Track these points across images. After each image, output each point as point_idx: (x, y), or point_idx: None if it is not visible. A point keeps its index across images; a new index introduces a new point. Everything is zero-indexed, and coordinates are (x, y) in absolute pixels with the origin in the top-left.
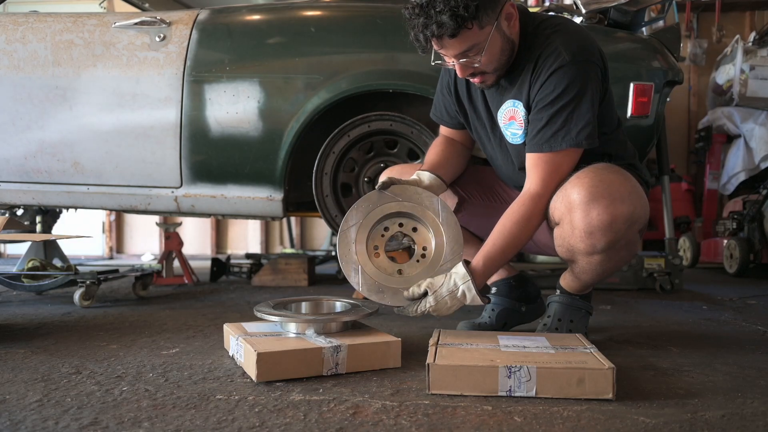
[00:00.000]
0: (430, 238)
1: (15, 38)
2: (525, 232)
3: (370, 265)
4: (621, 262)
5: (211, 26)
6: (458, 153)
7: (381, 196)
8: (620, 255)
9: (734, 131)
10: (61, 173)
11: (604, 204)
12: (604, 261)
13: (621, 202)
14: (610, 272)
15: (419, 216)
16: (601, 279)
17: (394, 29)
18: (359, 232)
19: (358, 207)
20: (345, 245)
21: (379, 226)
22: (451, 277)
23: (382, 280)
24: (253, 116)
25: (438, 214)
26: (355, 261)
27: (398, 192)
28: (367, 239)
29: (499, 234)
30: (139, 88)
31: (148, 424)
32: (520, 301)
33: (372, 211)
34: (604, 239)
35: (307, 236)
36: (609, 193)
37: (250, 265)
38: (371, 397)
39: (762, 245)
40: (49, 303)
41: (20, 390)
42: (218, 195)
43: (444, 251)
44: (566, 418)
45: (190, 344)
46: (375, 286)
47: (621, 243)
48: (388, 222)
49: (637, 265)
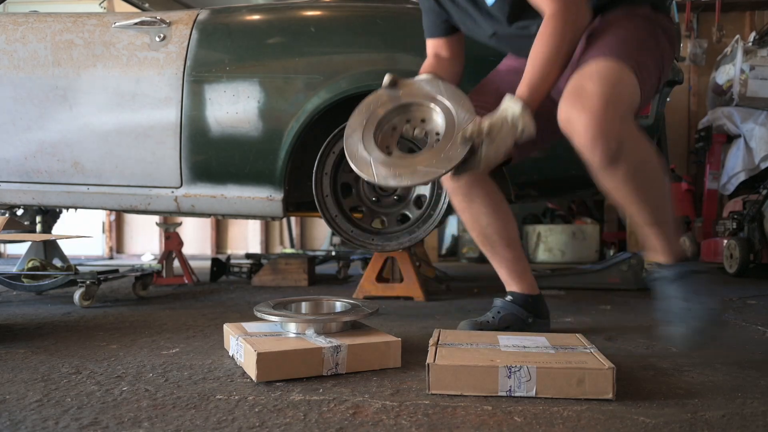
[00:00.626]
0: (441, 124)
1: (15, 38)
2: (561, 49)
3: (381, 158)
4: (649, 170)
5: (211, 26)
6: (449, 65)
7: (379, 96)
8: (636, 156)
9: (734, 131)
10: (61, 173)
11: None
12: (627, 176)
13: (600, 110)
14: (650, 188)
15: (423, 102)
16: (652, 203)
17: (394, 29)
18: (365, 133)
19: (359, 110)
20: (353, 145)
21: (386, 126)
22: (509, 109)
23: (397, 165)
24: (253, 116)
25: (443, 95)
26: (365, 156)
27: (399, 89)
28: (376, 138)
29: (533, 62)
30: (139, 88)
31: (148, 424)
32: (530, 313)
33: (374, 112)
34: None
35: (307, 236)
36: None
37: (250, 265)
38: (371, 397)
39: (762, 245)
40: (49, 303)
41: (20, 390)
42: (218, 195)
43: (456, 120)
44: (566, 418)
45: (190, 344)
46: (390, 171)
47: (623, 146)
48: (396, 120)
49: (637, 265)
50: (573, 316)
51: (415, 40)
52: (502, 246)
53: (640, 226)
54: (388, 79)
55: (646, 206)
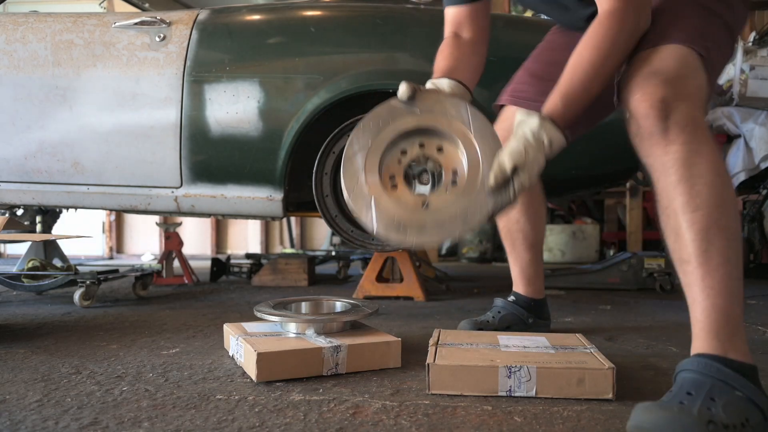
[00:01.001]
0: (460, 158)
1: (15, 38)
2: (611, 57)
3: (385, 198)
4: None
5: (211, 26)
6: (471, 52)
7: (392, 109)
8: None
9: (734, 131)
10: (61, 173)
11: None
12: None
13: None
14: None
15: (444, 130)
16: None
17: (394, 29)
18: (368, 158)
19: (364, 126)
20: (351, 175)
21: (395, 150)
22: (525, 127)
23: (403, 215)
24: (253, 116)
25: (468, 124)
26: (366, 194)
27: (417, 102)
28: (381, 166)
29: (574, 68)
30: (139, 88)
31: (148, 424)
32: (530, 314)
33: (383, 130)
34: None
35: (307, 236)
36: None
37: (250, 265)
38: (371, 397)
39: (762, 245)
40: (49, 303)
41: (20, 390)
42: (218, 195)
43: (480, 170)
44: (566, 418)
45: (190, 344)
46: (394, 223)
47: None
48: (406, 143)
49: (637, 265)
50: (573, 316)
51: (415, 40)
52: (523, 246)
53: (684, 266)
54: (407, 91)
55: (701, 229)
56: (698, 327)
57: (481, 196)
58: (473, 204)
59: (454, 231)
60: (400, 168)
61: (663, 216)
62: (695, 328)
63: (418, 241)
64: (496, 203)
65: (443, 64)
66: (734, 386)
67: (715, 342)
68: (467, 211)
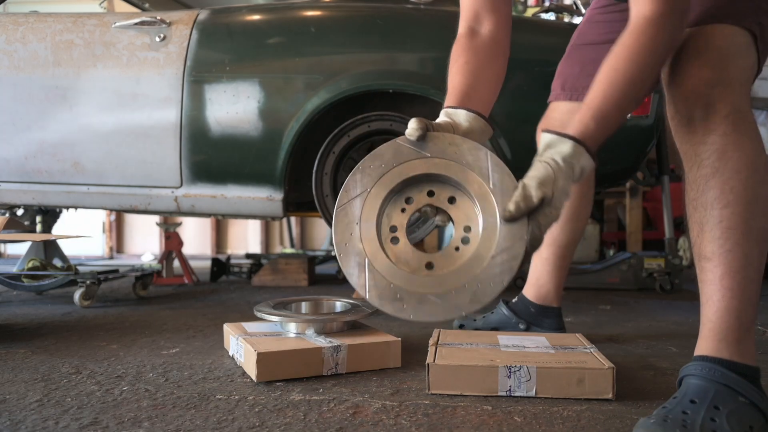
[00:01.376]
0: (475, 214)
1: (15, 38)
2: (647, 70)
3: (382, 257)
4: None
5: (211, 26)
6: (492, 56)
7: (398, 150)
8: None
9: None
10: (62, 173)
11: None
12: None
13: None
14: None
15: (459, 180)
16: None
17: (394, 29)
18: (366, 206)
19: (363, 169)
20: (344, 227)
21: (399, 198)
22: (554, 151)
23: (402, 281)
24: (253, 116)
25: (487, 177)
26: (360, 251)
27: (427, 143)
28: (380, 217)
29: (609, 82)
30: (140, 88)
31: (148, 423)
32: (523, 320)
33: (386, 174)
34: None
35: (307, 236)
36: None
37: (250, 265)
38: (371, 397)
39: None
40: (49, 303)
41: (20, 390)
42: (218, 195)
43: (497, 235)
44: (566, 418)
45: (190, 344)
46: (390, 291)
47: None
48: (412, 190)
49: (637, 265)
50: (573, 316)
51: (415, 40)
52: (545, 243)
53: (705, 262)
54: (417, 130)
55: (731, 225)
56: (708, 327)
57: (495, 263)
58: (486, 273)
59: (459, 307)
60: (404, 218)
61: (690, 207)
62: (705, 328)
63: (415, 317)
64: (514, 257)
65: (459, 83)
66: (739, 391)
67: (723, 345)
68: (478, 282)
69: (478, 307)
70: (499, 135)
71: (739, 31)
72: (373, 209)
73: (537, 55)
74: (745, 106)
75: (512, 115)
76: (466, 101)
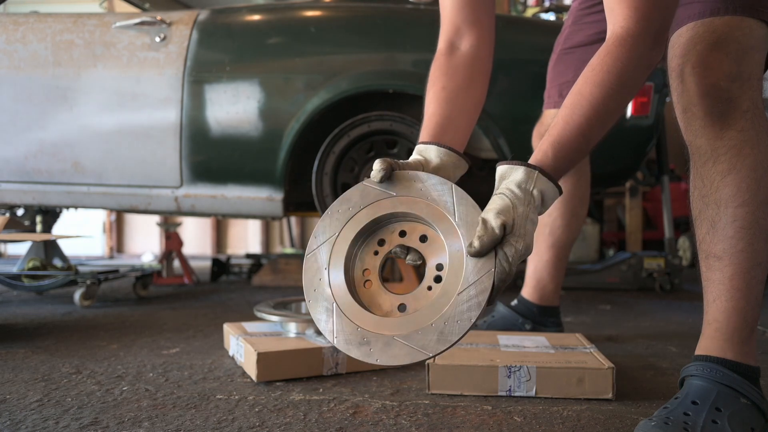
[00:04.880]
0: (446, 250)
1: (15, 38)
2: (614, 96)
3: (349, 301)
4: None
5: (211, 26)
6: (470, 77)
7: (364, 192)
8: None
9: None
10: (62, 173)
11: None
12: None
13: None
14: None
15: (425, 217)
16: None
17: (394, 29)
18: (334, 253)
19: (331, 214)
20: (313, 273)
21: (371, 240)
22: (509, 180)
23: (370, 324)
24: (253, 116)
25: (452, 212)
26: (328, 296)
27: (394, 182)
28: (350, 261)
29: (572, 107)
30: (140, 89)
31: (149, 423)
32: (528, 320)
33: (354, 216)
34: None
35: (307, 236)
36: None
37: (250, 265)
38: (371, 397)
39: None
40: (49, 303)
41: (21, 390)
42: (218, 195)
43: (464, 270)
44: (566, 418)
45: (190, 344)
46: (357, 335)
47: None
48: (384, 232)
49: (636, 265)
50: (573, 316)
51: (415, 40)
52: (545, 244)
53: (709, 262)
54: (380, 171)
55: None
56: (713, 327)
57: (462, 299)
58: (453, 310)
59: (426, 348)
60: (376, 261)
61: (699, 202)
62: (709, 327)
63: (382, 361)
64: (481, 292)
65: (434, 113)
66: (741, 392)
67: (728, 345)
68: (444, 321)
69: (445, 347)
70: (499, 135)
71: (758, 24)
72: (342, 253)
73: (537, 56)
74: (760, 102)
75: (512, 115)
76: (440, 134)
